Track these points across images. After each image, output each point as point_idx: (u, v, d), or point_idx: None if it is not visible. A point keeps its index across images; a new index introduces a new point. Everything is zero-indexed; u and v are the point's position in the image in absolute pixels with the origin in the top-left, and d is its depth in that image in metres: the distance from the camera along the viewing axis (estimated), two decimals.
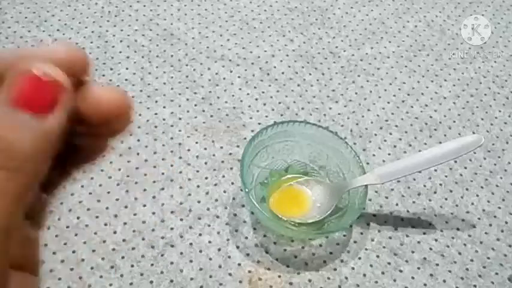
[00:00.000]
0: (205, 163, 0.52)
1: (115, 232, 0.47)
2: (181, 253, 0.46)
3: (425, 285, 0.47)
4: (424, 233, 0.50)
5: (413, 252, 0.48)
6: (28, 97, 0.14)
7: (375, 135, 0.56)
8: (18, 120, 0.14)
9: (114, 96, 0.16)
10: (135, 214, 0.48)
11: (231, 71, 0.60)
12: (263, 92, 0.59)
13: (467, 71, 0.64)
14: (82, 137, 0.17)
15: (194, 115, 0.56)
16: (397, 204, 0.52)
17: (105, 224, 0.47)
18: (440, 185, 0.53)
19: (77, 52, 0.16)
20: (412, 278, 0.47)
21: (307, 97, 0.59)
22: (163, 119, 0.55)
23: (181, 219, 0.48)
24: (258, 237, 0.48)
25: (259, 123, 0.56)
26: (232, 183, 0.51)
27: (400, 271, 0.47)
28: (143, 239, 0.46)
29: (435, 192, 0.53)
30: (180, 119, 0.55)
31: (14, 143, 0.14)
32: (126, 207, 0.48)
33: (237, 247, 0.47)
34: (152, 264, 0.45)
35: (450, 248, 0.49)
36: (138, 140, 0.53)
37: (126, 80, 0.58)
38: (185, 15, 0.65)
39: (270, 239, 0.48)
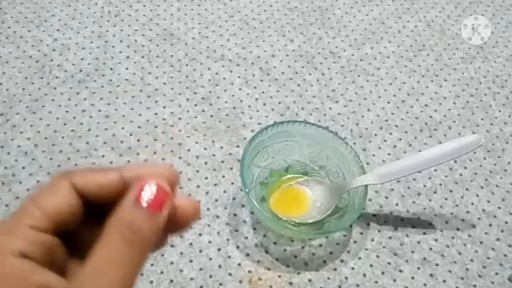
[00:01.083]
0: (205, 163, 0.52)
1: None
2: (181, 253, 0.46)
3: (425, 285, 0.47)
4: (424, 233, 0.50)
5: (413, 252, 0.48)
6: (149, 199, 0.21)
7: (375, 135, 0.56)
8: (143, 215, 0.20)
9: (193, 206, 0.23)
10: None
11: (231, 71, 0.60)
12: (263, 92, 0.59)
13: (467, 71, 0.64)
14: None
15: (194, 115, 0.56)
16: (397, 204, 0.52)
17: None
18: (440, 185, 0.53)
19: (175, 173, 0.23)
20: (412, 278, 0.47)
21: (307, 97, 0.59)
22: (163, 119, 0.55)
23: None
24: (258, 237, 0.48)
25: (259, 123, 0.56)
26: (232, 183, 0.51)
27: (400, 271, 0.47)
28: None
29: (435, 192, 0.53)
30: (180, 119, 0.55)
31: (142, 229, 0.20)
32: None
33: (237, 247, 0.47)
34: (152, 264, 0.45)
35: (450, 248, 0.49)
36: (138, 140, 0.53)
37: (126, 80, 0.58)
38: (185, 15, 0.65)
39: (270, 239, 0.48)
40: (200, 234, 0.47)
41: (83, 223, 0.23)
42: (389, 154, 0.55)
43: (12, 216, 0.21)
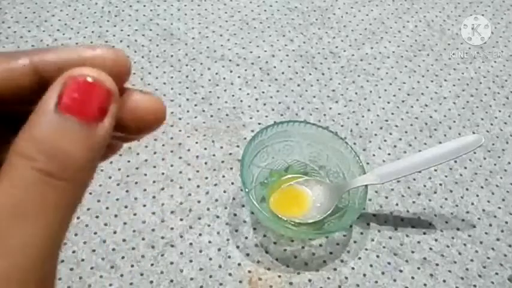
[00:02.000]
0: (205, 163, 0.52)
1: (115, 232, 0.47)
2: (181, 253, 0.46)
3: (425, 285, 0.47)
4: (424, 233, 0.50)
5: (413, 252, 0.48)
6: (79, 104, 0.14)
7: (375, 135, 0.56)
8: (70, 128, 0.14)
9: (152, 103, 0.16)
10: (135, 214, 0.48)
11: (231, 71, 0.60)
12: (263, 92, 0.59)
13: (467, 71, 0.64)
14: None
15: (194, 115, 0.56)
16: (397, 204, 0.52)
17: (105, 224, 0.47)
18: (440, 185, 0.53)
19: (123, 58, 0.16)
20: (412, 278, 0.47)
21: (307, 97, 0.59)
22: None
23: (181, 219, 0.48)
24: (258, 237, 0.48)
25: (259, 123, 0.56)
26: (232, 183, 0.51)
27: (400, 271, 0.47)
28: (143, 239, 0.47)
29: (435, 192, 0.53)
30: (180, 119, 0.55)
31: (68, 152, 0.13)
32: (126, 207, 0.48)
33: (237, 247, 0.47)
34: (152, 264, 0.45)
35: (450, 248, 0.49)
36: (138, 140, 0.53)
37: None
38: (185, 15, 0.65)
39: (270, 239, 0.48)
40: (200, 234, 0.47)
41: None
42: (389, 154, 0.55)
43: None
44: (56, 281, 0.43)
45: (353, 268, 0.47)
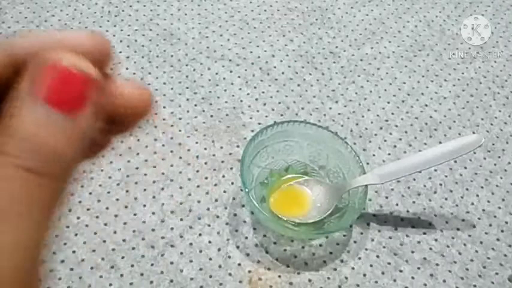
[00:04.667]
0: (205, 163, 0.52)
1: (115, 232, 0.47)
2: (181, 253, 0.46)
3: (425, 285, 0.47)
4: (424, 233, 0.50)
5: (413, 252, 0.48)
6: (58, 92, 0.13)
7: (375, 135, 0.56)
8: (50, 120, 0.13)
9: (137, 91, 0.15)
10: (135, 214, 0.48)
11: (231, 71, 0.60)
12: (263, 92, 0.59)
13: (467, 71, 0.64)
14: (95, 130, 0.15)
15: (194, 115, 0.56)
16: (397, 204, 0.52)
17: (105, 224, 0.47)
18: (440, 185, 0.53)
19: (103, 42, 0.15)
20: (412, 278, 0.47)
21: (307, 97, 0.59)
22: (163, 119, 0.55)
23: (181, 219, 0.48)
24: (258, 237, 0.48)
25: (259, 123, 0.56)
26: (232, 183, 0.51)
27: (400, 271, 0.47)
28: (143, 239, 0.46)
29: (435, 192, 0.53)
30: (180, 119, 0.55)
31: (50, 146, 0.13)
32: (126, 207, 0.48)
33: (237, 247, 0.47)
34: (152, 264, 0.45)
35: (450, 248, 0.49)
36: (138, 140, 0.53)
37: (126, 80, 0.58)
38: (185, 15, 0.65)
39: (270, 239, 0.48)
40: (200, 234, 0.47)
41: None
42: (389, 154, 0.55)
43: None
44: (56, 281, 0.44)
45: (353, 268, 0.47)
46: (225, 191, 0.50)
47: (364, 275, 0.47)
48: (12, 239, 0.12)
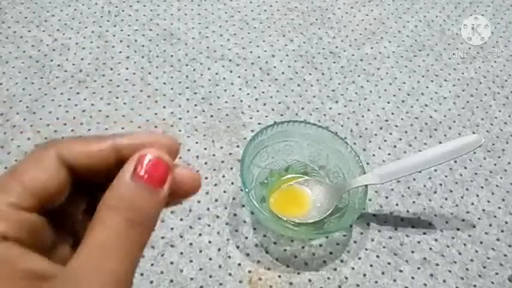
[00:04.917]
0: (205, 163, 0.52)
1: None
2: (181, 253, 0.46)
3: (425, 285, 0.47)
4: (424, 233, 0.50)
5: (413, 252, 0.48)
6: (151, 173, 0.19)
7: (375, 135, 0.56)
8: (143, 191, 0.19)
9: (192, 177, 0.21)
10: None
11: (231, 71, 0.60)
12: (263, 92, 0.59)
13: (467, 71, 0.64)
14: None
15: (194, 115, 0.56)
16: (397, 204, 0.52)
17: None
18: (440, 185, 0.53)
19: (176, 143, 0.21)
20: (412, 278, 0.47)
21: (307, 97, 0.59)
22: (163, 119, 0.55)
23: (181, 219, 0.48)
24: (258, 237, 0.48)
25: (259, 123, 0.56)
26: (232, 183, 0.51)
27: (400, 271, 0.47)
28: None
29: (435, 192, 0.53)
30: (180, 119, 0.55)
31: (142, 207, 0.18)
32: None
33: (237, 247, 0.47)
34: (152, 264, 0.45)
35: (450, 248, 0.49)
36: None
37: (126, 80, 0.58)
38: (185, 15, 0.65)
39: (270, 239, 0.48)
40: (200, 234, 0.47)
41: (69, 198, 0.20)
42: (389, 154, 0.55)
43: None
44: None
45: (353, 268, 0.47)
46: (225, 191, 0.50)
47: (364, 275, 0.47)
48: (117, 272, 0.18)
